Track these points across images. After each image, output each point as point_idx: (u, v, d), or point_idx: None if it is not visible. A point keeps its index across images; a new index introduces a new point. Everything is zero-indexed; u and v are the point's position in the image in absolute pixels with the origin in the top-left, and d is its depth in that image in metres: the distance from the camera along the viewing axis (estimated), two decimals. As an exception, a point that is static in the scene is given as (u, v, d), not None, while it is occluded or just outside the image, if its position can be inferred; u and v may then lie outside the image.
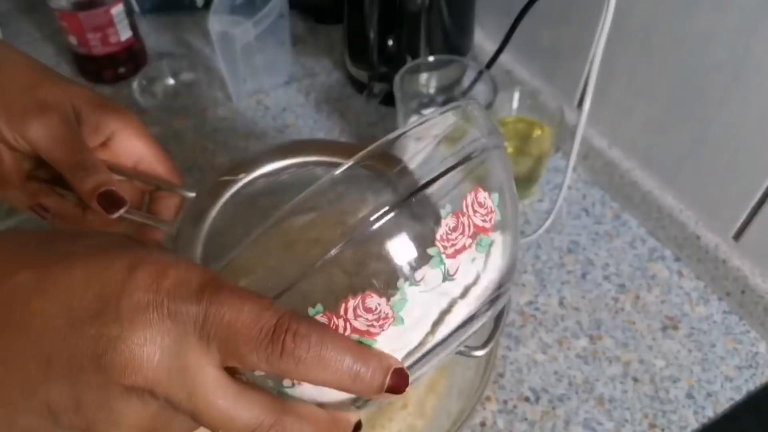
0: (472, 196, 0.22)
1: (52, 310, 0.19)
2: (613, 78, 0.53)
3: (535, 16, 0.54)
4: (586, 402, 0.45)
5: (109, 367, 0.19)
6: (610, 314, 0.50)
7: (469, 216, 0.22)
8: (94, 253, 0.20)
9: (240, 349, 0.19)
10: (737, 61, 0.43)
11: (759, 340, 0.48)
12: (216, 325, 0.19)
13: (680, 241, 0.53)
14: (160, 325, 0.19)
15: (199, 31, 0.77)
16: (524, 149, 0.54)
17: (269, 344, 0.19)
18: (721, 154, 0.48)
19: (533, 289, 0.52)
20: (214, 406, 0.20)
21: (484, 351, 0.32)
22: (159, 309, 0.19)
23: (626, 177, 0.56)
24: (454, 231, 0.21)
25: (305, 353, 0.19)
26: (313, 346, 0.20)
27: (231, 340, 0.19)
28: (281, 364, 0.19)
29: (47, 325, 0.19)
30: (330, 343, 0.20)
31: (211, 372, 0.20)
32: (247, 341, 0.19)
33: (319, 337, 0.20)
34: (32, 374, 0.19)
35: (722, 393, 0.45)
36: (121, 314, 0.19)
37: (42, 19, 0.79)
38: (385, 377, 0.21)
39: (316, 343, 0.20)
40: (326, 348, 0.20)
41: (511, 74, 0.65)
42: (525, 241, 0.54)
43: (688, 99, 0.48)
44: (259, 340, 0.19)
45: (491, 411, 0.44)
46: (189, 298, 0.19)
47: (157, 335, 0.19)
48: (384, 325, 0.21)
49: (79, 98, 0.33)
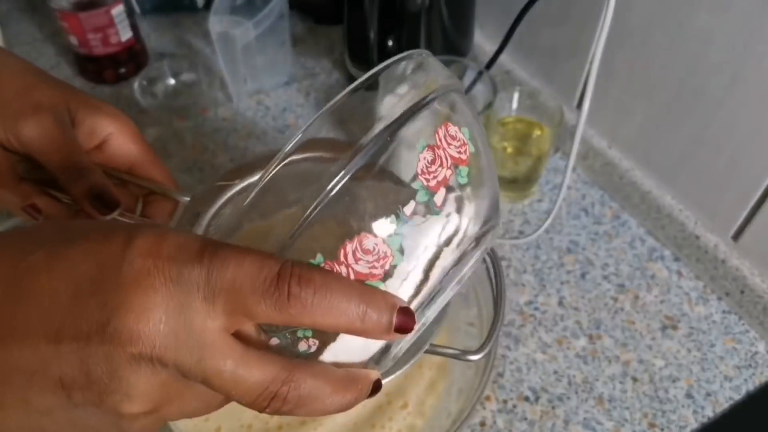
0: (443, 130, 0.23)
1: (58, 287, 0.19)
2: (612, 78, 0.53)
3: (534, 16, 0.54)
4: (586, 401, 0.45)
5: (115, 336, 0.19)
6: (609, 314, 0.50)
7: (444, 148, 0.22)
8: (94, 230, 0.21)
9: (247, 302, 0.19)
10: (736, 62, 0.43)
11: (758, 340, 0.48)
12: (220, 282, 0.19)
13: (679, 241, 0.53)
14: (163, 289, 0.19)
15: (200, 32, 0.77)
16: (524, 149, 0.54)
17: (275, 291, 0.19)
18: (720, 155, 0.48)
19: (533, 289, 0.52)
20: (223, 367, 0.20)
21: (479, 356, 0.32)
22: (161, 273, 0.19)
23: (625, 177, 0.56)
24: (432, 164, 0.22)
25: (311, 296, 0.19)
26: (318, 289, 0.20)
27: (236, 293, 0.19)
28: (290, 309, 0.19)
29: (54, 301, 0.19)
30: (335, 284, 0.20)
31: (218, 333, 0.20)
32: (253, 291, 0.19)
33: (323, 280, 0.20)
34: (43, 351, 0.19)
35: (721, 393, 0.45)
36: (122, 281, 0.19)
37: (42, 20, 0.79)
38: (392, 315, 0.21)
39: (321, 285, 0.20)
40: (332, 289, 0.20)
41: (510, 74, 0.65)
42: (524, 241, 0.55)
43: (688, 99, 0.48)
44: (264, 288, 0.19)
45: (491, 410, 0.44)
46: (190, 260, 0.19)
47: (160, 300, 0.19)
48: (384, 264, 0.21)
49: (75, 101, 0.34)
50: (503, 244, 0.55)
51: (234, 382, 0.20)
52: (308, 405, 0.21)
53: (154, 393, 0.20)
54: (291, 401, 0.21)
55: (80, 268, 0.19)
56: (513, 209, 0.58)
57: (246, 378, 0.20)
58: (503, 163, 0.55)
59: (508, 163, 0.55)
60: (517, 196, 0.58)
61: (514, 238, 0.55)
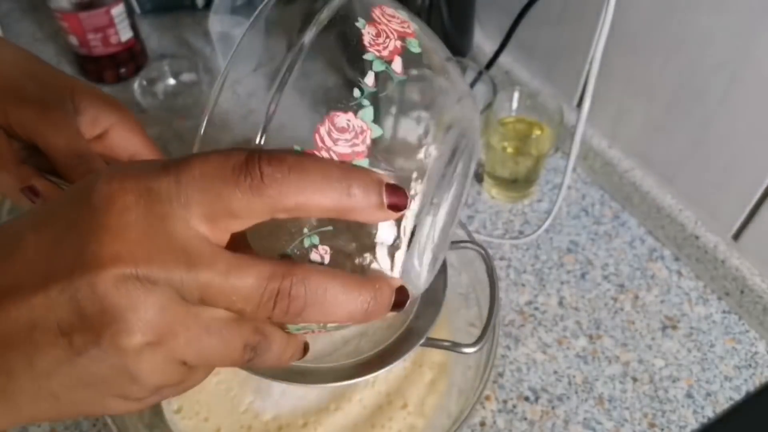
0: (378, 10, 0.23)
1: (41, 238, 0.19)
2: (612, 78, 0.53)
3: (534, 16, 0.54)
4: (586, 401, 0.45)
5: (94, 262, 0.18)
6: (609, 314, 0.50)
7: (384, 23, 0.23)
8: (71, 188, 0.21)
9: (221, 194, 0.19)
10: (736, 62, 0.43)
11: (758, 340, 0.48)
12: (190, 183, 0.19)
13: (679, 241, 0.53)
14: (135, 206, 0.18)
15: (200, 32, 0.77)
16: (524, 149, 0.54)
17: (246, 175, 0.18)
18: (720, 155, 0.48)
19: (533, 289, 0.52)
20: (215, 273, 0.19)
21: (475, 348, 0.32)
22: (130, 192, 0.19)
23: (625, 177, 0.56)
24: (378, 36, 0.22)
25: (287, 173, 0.19)
26: (293, 166, 0.19)
27: (208, 190, 0.19)
28: (267, 190, 0.18)
29: (38, 251, 0.19)
30: (311, 162, 0.19)
31: (201, 240, 0.19)
32: (225, 180, 0.18)
33: (296, 159, 0.19)
34: (36, 302, 0.18)
35: (721, 393, 0.45)
36: (93, 209, 0.19)
37: (43, 20, 0.79)
38: (380, 189, 0.20)
39: (295, 163, 0.19)
40: (308, 167, 0.19)
41: (510, 75, 0.65)
42: (524, 241, 0.55)
43: (688, 99, 0.48)
44: (235, 175, 0.18)
45: (491, 410, 0.44)
46: (156, 173, 0.19)
47: (134, 217, 0.18)
48: (365, 138, 0.21)
49: (79, 89, 0.34)
50: (503, 244, 0.55)
51: (231, 288, 0.19)
52: (320, 303, 0.20)
53: (152, 318, 0.18)
54: (298, 297, 0.19)
55: (58, 215, 0.19)
56: (513, 209, 0.58)
57: (242, 280, 0.19)
58: (503, 163, 0.55)
59: (508, 163, 0.55)
60: (517, 196, 0.58)
61: (514, 238, 0.55)
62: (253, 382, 0.41)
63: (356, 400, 0.41)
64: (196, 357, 0.20)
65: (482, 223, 0.57)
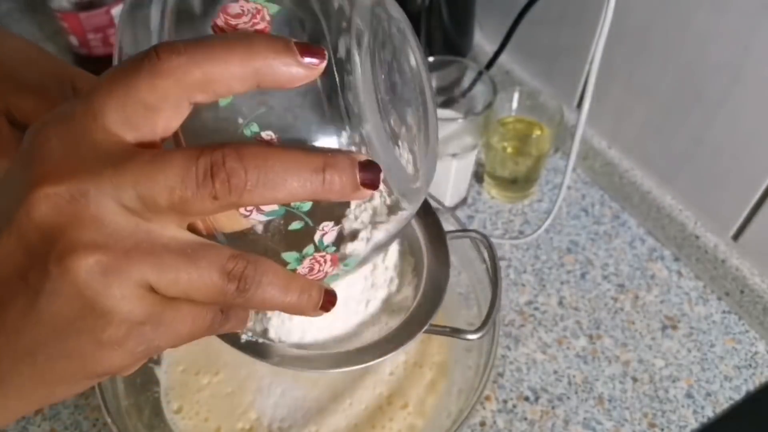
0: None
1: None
2: (612, 78, 0.53)
3: (534, 16, 0.54)
4: (586, 401, 0.45)
5: (26, 191, 0.18)
6: (609, 314, 0.50)
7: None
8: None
9: (128, 86, 0.18)
10: (736, 62, 0.43)
11: (758, 340, 0.48)
12: (98, 92, 0.18)
13: (679, 241, 0.53)
14: (56, 133, 0.18)
15: (200, 32, 0.77)
16: (524, 149, 0.54)
17: (149, 58, 0.18)
18: (720, 155, 0.48)
19: (533, 289, 0.52)
20: (143, 159, 0.18)
21: (478, 335, 0.32)
22: (49, 124, 0.19)
23: (625, 177, 0.56)
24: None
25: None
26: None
27: (116, 90, 0.18)
28: (173, 69, 0.18)
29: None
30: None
31: (123, 142, 0.18)
32: (127, 74, 0.18)
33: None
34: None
35: (721, 393, 0.45)
36: (23, 151, 0.19)
37: (42, 20, 0.79)
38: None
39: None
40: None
41: (510, 75, 0.65)
42: (524, 241, 0.55)
43: (687, 100, 0.48)
44: (137, 64, 0.18)
45: (491, 410, 0.44)
46: (71, 102, 0.19)
47: (56, 142, 0.18)
48: (263, 16, 0.20)
49: (79, 77, 0.34)
50: (503, 244, 0.55)
51: (162, 175, 0.18)
52: (263, 173, 0.18)
53: (93, 232, 0.17)
54: (236, 169, 0.18)
55: (6, 173, 0.19)
56: (513, 209, 0.58)
57: (170, 163, 0.18)
58: (503, 163, 0.55)
59: (508, 163, 0.55)
60: (517, 196, 0.58)
61: (514, 238, 0.55)
62: (253, 382, 0.42)
63: (357, 401, 0.41)
64: (163, 281, 0.18)
65: (482, 223, 0.57)
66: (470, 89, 0.53)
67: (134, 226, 0.18)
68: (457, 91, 0.54)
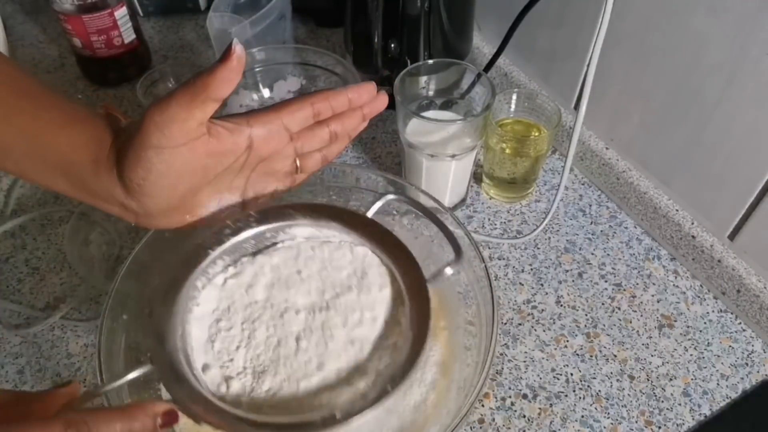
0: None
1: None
2: (609, 80, 0.54)
3: (532, 19, 0.55)
4: (583, 399, 0.45)
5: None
6: (606, 313, 0.51)
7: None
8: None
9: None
10: (732, 64, 0.44)
11: (754, 339, 0.49)
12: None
13: (676, 241, 0.54)
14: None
15: (202, 34, 0.78)
16: (522, 150, 0.54)
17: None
18: (716, 155, 0.48)
19: (531, 288, 0.52)
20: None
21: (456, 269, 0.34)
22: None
23: (622, 178, 0.57)
24: None
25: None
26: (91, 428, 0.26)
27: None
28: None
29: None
30: (100, 416, 0.26)
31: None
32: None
33: (94, 422, 0.26)
34: None
35: (718, 391, 0.46)
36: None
37: (46, 22, 0.79)
38: (154, 423, 0.27)
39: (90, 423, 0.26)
40: (98, 422, 0.26)
41: (509, 77, 0.66)
42: (522, 240, 0.55)
43: (684, 101, 0.49)
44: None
45: (489, 408, 0.45)
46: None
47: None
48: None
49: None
50: (501, 243, 0.55)
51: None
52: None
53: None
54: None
55: None
56: (511, 209, 0.58)
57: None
58: (502, 164, 0.56)
59: (507, 163, 0.55)
60: (515, 197, 0.59)
61: (512, 238, 0.55)
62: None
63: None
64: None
65: (481, 223, 0.57)
66: (469, 91, 0.54)
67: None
68: (457, 93, 0.55)
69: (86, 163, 0.32)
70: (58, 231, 0.56)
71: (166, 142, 0.30)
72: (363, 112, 0.37)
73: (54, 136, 0.32)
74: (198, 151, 0.31)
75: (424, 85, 0.54)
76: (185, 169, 0.32)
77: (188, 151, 0.31)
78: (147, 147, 0.30)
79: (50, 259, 0.54)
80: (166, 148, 0.30)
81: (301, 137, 0.36)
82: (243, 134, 0.33)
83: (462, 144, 0.51)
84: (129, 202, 0.32)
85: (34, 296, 0.51)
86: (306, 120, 0.35)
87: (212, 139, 0.32)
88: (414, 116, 0.50)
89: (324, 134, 0.36)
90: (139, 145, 0.30)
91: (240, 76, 0.30)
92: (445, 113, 0.55)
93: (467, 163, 0.54)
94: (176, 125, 0.30)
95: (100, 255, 0.54)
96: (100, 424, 0.26)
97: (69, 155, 0.32)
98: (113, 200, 0.33)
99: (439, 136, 0.50)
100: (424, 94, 0.55)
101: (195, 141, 0.31)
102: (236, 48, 0.29)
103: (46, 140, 0.32)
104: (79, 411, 0.27)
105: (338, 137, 0.37)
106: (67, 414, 0.26)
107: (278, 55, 0.62)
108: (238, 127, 0.33)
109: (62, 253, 0.54)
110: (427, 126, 0.50)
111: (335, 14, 0.75)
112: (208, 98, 0.30)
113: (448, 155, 0.51)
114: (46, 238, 0.55)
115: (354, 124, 0.37)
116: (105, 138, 0.32)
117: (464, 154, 0.52)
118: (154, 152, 0.30)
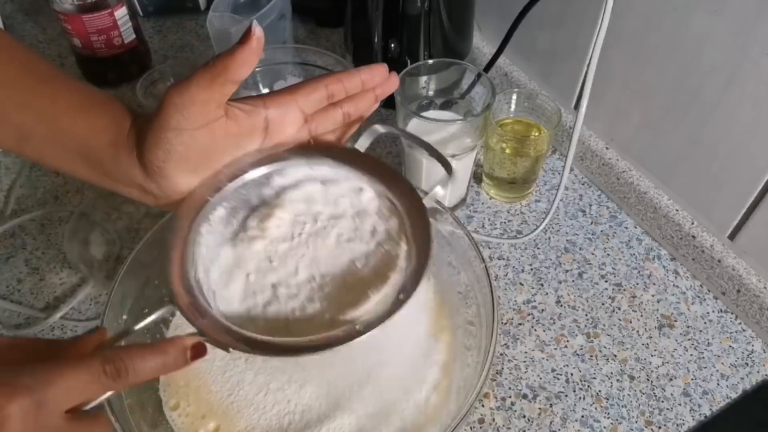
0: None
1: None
2: (609, 80, 0.54)
3: (532, 19, 0.55)
4: (583, 399, 0.45)
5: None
6: (606, 313, 0.51)
7: None
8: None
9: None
10: (732, 64, 0.44)
11: (754, 339, 0.49)
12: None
13: (676, 241, 0.54)
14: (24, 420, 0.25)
15: (202, 34, 0.78)
16: (522, 150, 0.54)
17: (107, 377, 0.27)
18: (716, 155, 0.48)
19: (531, 288, 0.52)
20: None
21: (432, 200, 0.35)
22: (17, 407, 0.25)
23: (622, 178, 0.57)
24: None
25: (131, 367, 0.28)
26: (129, 362, 0.28)
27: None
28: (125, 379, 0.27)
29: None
30: (138, 353, 0.28)
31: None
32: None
33: (129, 358, 0.28)
34: None
35: (718, 391, 0.46)
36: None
37: (46, 22, 0.79)
38: (185, 354, 0.29)
39: (130, 356, 0.28)
40: (137, 357, 0.28)
41: (509, 77, 0.66)
42: (522, 240, 0.55)
43: (684, 101, 0.49)
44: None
45: (489, 408, 0.45)
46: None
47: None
48: None
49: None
50: (501, 243, 0.55)
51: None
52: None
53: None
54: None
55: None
56: (511, 209, 0.58)
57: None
58: (502, 164, 0.56)
59: (507, 164, 0.55)
60: (515, 197, 0.59)
61: (512, 238, 0.55)
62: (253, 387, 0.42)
63: (357, 401, 0.41)
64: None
65: (481, 223, 0.57)
66: (469, 91, 0.54)
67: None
68: (457, 93, 0.55)
69: (105, 147, 0.32)
70: (58, 231, 0.56)
71: (185, 123, 0.30)
72: (375, 93, 0.37)
73: (73, 120, 0.32)
74: (216, 133, 0.32)
75: (424, 85, 0.54)
76: (204, 151, 0.32)
77: (207, 133, 0.31)
78: (167, 129, 0.30)
79: (50, 259, 0.54)
80: (185, 130, 0.30)
81: (315, 119, 0.36)
82: (260, 116, 0.33)
83: (462, 144, 0.51)
84: (148, 184, 0.33)
85: (34, 296, 0.51)
86: (320, 102, 0.35)
87: (230, 121, 0.32)
88: (414, 116, 0.50)
89: (338, 116, 0.36)
90: (159, 128, 0.30)
91: (259, 57, 0.30)
92: (445, 113, 0.55)
93: (467, 163, 0.54)
94: (196, 107, 0.30)
95: (100, 255, 0.54)
96: (135, 359, 0.28)
97: (88, 139, 0.32)
98: (132, 183, 0.33)
99: (439, 136, 0.50)
100: (424, 94, 0.55)
101: (213, 123, 0.31)
102: (256, 30, 0.29)
103: (65, 124, 0.32)
104: (113, 349, 0.28)
105: (351, 118, 0.37)
106: (103, 352, 0.27)
107: (278, 55, 0.62)
108: (255, 108, 0.33)
109: (62, 253, 0.54)
110: (427, 126, 0.50)
111: (335, 14, 0.75)
112: (228, 80, 0.30)
113: (448, 155, 0.51)
114: (46, 238, 0.55)
115: (367, 105, 0.37)
116: (124, 121, 0.32)
117: (464, 154, 0.52)
118: (174, 134, 0.30)
